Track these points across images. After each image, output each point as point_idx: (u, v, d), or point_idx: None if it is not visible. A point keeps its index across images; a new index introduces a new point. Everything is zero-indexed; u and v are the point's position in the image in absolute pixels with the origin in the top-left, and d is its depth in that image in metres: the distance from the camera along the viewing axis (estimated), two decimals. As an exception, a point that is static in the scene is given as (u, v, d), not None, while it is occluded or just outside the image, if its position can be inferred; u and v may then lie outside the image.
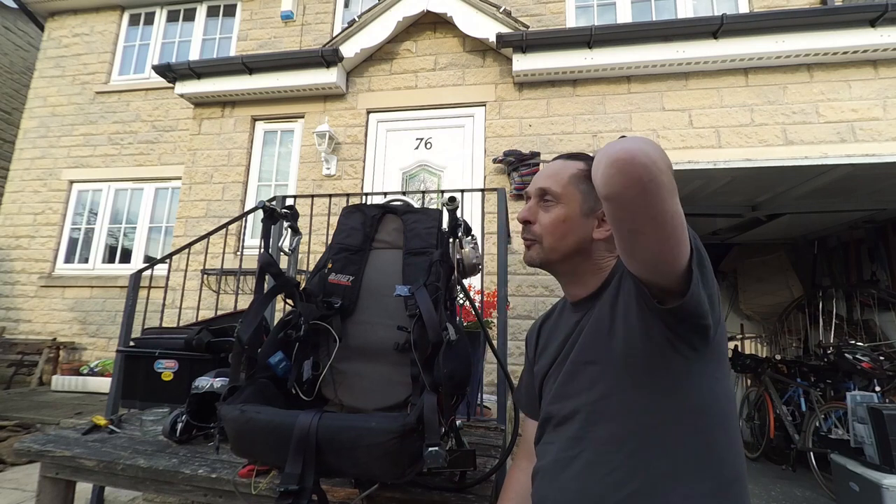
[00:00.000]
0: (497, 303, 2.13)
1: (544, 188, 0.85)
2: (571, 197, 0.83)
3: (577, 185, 0.84)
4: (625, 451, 0.69)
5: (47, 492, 1.42)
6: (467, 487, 1.16)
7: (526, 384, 1.01)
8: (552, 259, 0.86)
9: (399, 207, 1.45)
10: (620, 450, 0.69)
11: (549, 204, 0.85)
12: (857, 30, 3.25)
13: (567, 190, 0.84)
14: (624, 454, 0.69)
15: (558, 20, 4.58)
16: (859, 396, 2.76)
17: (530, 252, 0.88)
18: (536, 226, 0.86)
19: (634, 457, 0.68)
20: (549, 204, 0.85)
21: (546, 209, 0.85)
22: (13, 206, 5.81)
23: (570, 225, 0.83)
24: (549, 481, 0.78)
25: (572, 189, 0.84)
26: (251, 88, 4.19)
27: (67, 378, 4.61)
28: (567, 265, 0.86)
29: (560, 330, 0.90)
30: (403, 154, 4.04)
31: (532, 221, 0.86)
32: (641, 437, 0.69)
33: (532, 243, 0.87)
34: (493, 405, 2.23)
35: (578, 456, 0.74)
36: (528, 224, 0.87)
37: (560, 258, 0.85)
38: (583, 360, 0.79)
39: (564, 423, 0.78)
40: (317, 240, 3.58)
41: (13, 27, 7.23)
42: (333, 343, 1.24)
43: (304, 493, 0.88)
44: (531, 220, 0.87)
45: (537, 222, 0.86)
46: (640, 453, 0.68)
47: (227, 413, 0.97)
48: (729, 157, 3.41)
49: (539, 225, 0.85)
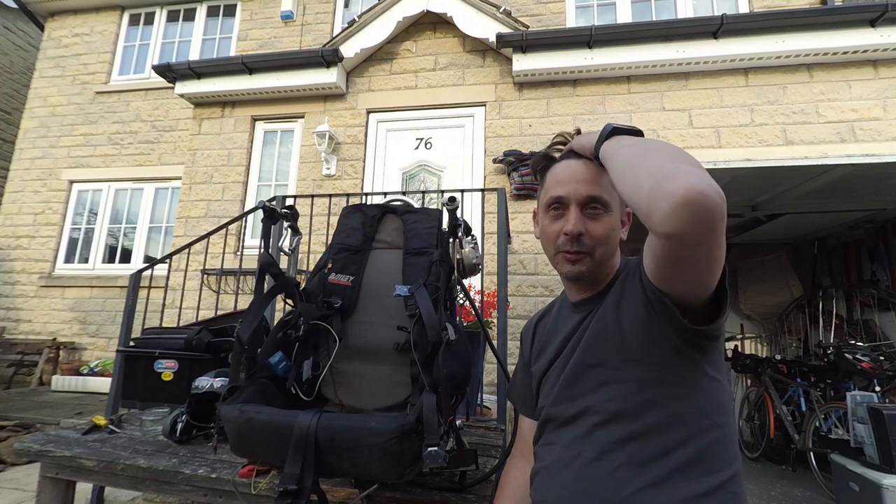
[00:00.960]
0: (497, 303, 2.13)
1: (593, 196, 0.79)
2: (616, 204, 0.81)
3: (614, 189, 0.78)
4: (628, 451, 0.69)
5: (47, 492, 1.42)
6: (467, 487, 1.16)
7: (521, 382, 1.00)
8: (599, 270, 0.82)
9: (399, 207, 1.45)
10: (623, 450, 0.70)
11: (597, 212, 0.80)
12: (857, 30, 3.25)
13: (613, 197, 0.80)
14: (627, 454, 0.69)
15: (558, 20, 4.58)
16: (859, 396, 2.76)
17: (577, 266, 0.81)
18: (587, 237, 0.79)
19: (637, 456, 0.68)
20: (597, 212, 0.80)
21: (595, 218, 0.80)
22: (13, 206, 5.81)
23: (615, 232, 0.82)
24: (550, 480, 0.78)
25: (615, 195, 0.80)
26: (251, 88, 4.19)
27: (67, 378, 4.60)
28: (600, 271, 0.83)
29: (559, 330, 0.89)
30: (403, 154, 4.04)
31: (583, 233, 0.79)
32: (645, 438, 0.69)
33: (582, 256, 0.80)
34: (493, 405, 2.23)
35: (580, 456, 0.74)
36: (580, 236, 0.79)
37: (603, 266, 0.82)
38: (587, 362, 0.78)
39: (568, 425, 0.78)
40: (317, 240, 3.58)
41: (13, 27, 7.23)
42: (333, 343, 1.24)
43: (303, 493, 0.88)
44: (582, 233, 0.79)
45: (587, 233, 0.79)
46: (643, 453, 0.68)
47: (226, 413, 0.97)
48: (729, 157, 3.41)
49: (590, 236, 0.79)
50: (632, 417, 0.70)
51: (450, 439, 1.16)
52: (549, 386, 0.85)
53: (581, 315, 0.84)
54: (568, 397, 0.79)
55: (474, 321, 2.12)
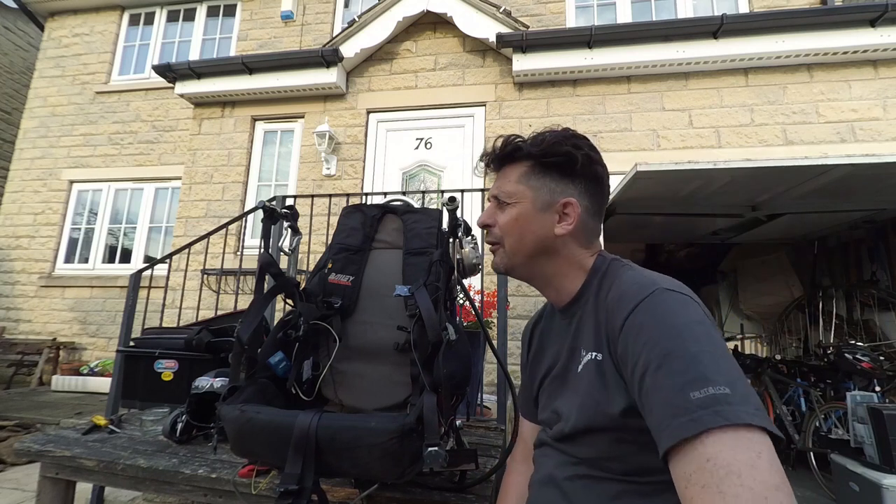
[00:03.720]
0: (497, 303, 2.13)
1: (495, 193, 0.85)
2: (522, 194, 0.82)
3: (527, 182, 0.82)
4: (615, 470, 0.67)
5: (47, 492, 1.42)
6: (467, 487, 1.16)
7: (523, 384, 1.00)
8: (516, 262, 0.84)
9: (399, 207, 1.45)
10: (611, 469, 0.68)
11: (503, 204, 0.84)
12: (857, 30, 3.25)
13: (516, 188, 0.82)
14: (614, 472, 0.67)
15: (558, 20, 4.58)
16: (859, 396, 2.75)
17: (495, 258, 0.87)
18: (496, 228, 0.85)
19: (622, 472, 0.67)
20: (503, 204, 0.84)
21: (501, 209, 0.84)
22: (13, 206, 5.81)
23: (527, 222, 0.81)
24: (539, 497, 0.77)
25: (521, 187, 0.82)
26: (251, 88, 4.19)
27: (67, 378, 4.60)
28: (534, 268, 0.83)
29: (552, 337, 0.89)
30: (403, 154, 4.04)
31: (491, 224, 0.85)
32: (631, 456, 0.66)
33: (496, 248, 0.86)
34: (493, 405, 2.23)
35: (571, 473, 0.72)
36: (489, 227, 0.86)
37: (524, 260, 0.83)
38: None
39: (562, 442, 0.77)
40: (317, 240, 3.58)
41: (13, 27, 7.23)
42: (333, 343, 1.24)
43: (303, 493, 0.87)
44: (491, 224, 0.85)
45: (496, 224, 0.85)
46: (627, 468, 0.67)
47: (226, 413, 0.97)
48: (729, 157, 3.41)
49: (498, 227, 0.84)
50: (619, 439, 0.69)
51: (450, 439, 1.16)
52: (546, 396, 0.85)
53: (567, 320, 0.83)
54: (561, 412, 0.78)
55: (474, 321, 2.12)
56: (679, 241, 5.71)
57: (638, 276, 0.71)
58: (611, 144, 3.64)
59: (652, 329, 0.60)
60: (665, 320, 0.60)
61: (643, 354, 0.59)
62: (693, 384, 0.52)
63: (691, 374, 0.53)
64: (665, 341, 0.57)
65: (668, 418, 0.53)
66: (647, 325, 0.61)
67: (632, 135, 3.64)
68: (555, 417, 0.79)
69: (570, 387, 0.77)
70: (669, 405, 0.53)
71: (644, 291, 0.64)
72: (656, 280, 0.67)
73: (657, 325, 0.60)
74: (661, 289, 0.64)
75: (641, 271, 0.73)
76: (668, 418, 0.53)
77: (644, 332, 0.61)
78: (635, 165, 2.66)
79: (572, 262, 0.81)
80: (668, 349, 0.56)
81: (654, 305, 0.62)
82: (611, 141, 3.65)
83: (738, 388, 0.52)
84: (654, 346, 0.58)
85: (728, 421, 0.49)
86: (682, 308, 0.61)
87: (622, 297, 0.67)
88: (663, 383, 0.55)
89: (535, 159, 0.81)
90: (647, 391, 0.57)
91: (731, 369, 0.54)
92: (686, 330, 0.58)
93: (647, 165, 2.66)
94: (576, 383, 0.75)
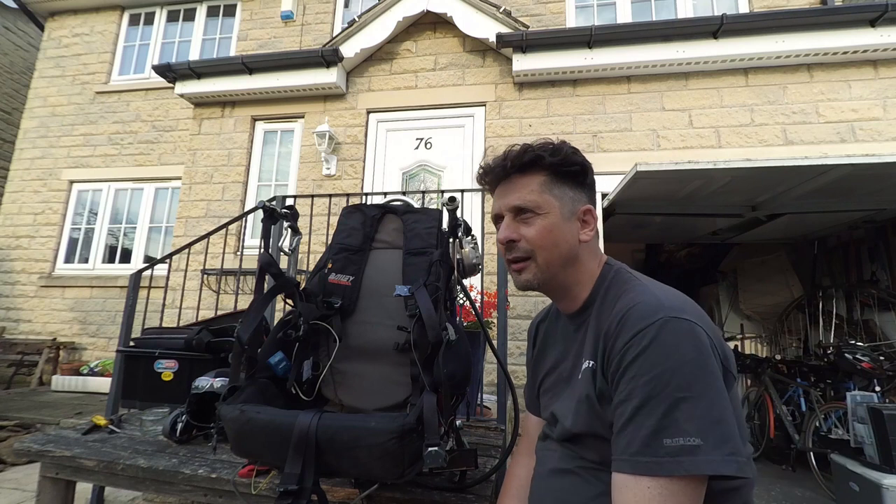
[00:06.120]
0: (497, 303, 2.13)
1: (518, 205, 0.80)
2: (550, 204, 0.79)
3: (550, 192, 0.79)
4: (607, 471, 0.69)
5: (47, 492, 1.42)
6: (467, 487, 1.16)
7: (529, 379, 1.01)
8: (549, 275, 0.80)
9: (399, 207, 1.45)
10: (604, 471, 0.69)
11: (527, 217, 0.79)
12: (857, 30, 3.25)
13: (542, 198, 0.79)
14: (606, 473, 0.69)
15: (558, 20, 4.58)
16: (859, 396, 2.76)
17: (524, 274, 0.80)
18: (522, 241, 0.79)
19: None
20: (527, 217, 0.79)
21: (527, 223, 0.79)
22: (13, 206, 5.81)
23: (560, 232, 0.79)
24: (538, 491, 0.79)
25: (547, 196, 0.79)
26: (251, 88, 4.19)
27: (67, 378, 4.61)
28: (562, 279, 0.81)
29: (557, 338, 0.89)
30: (403, 154, 4.04)
31: (516, 239, 0.80)
32: None
33: (525, 264, 0.80)
34: (493, 405, 2.23)
35: (568, 471, 0.74)
36: (513, 242, 0.80)
37: (557, 272, 0.80)
38: None
39: (565, 440, 0.78)
40: (317, 240, 3.58)
41: (13, 27, 7.23)
42: (333, 343, 1.24)
43: (303, 493, 0.87)
44: (515, 238, 0.80)
45: (522, 238, 0.79)
46: None
47: (226, 413, 0.97)
48: (729, 157, 3.40)
49: (525, 240, 0.79)
50: None
51: (450, 439, 1.16)
52: (548, 396, 0.87)
53: (574, 328, 0.83)
54: (563, 413, 0.80)
55: (474, 321, 2.12)
56: (679, 241, 5.71)
57: (647, 295, 0.70)
58: (611, 144, 3.64)
59: (645, 364, 0.62)
60: (660, 360, 0.61)
61: (630, 384, 0.62)
62: (666, 431, 0.58)
63: (668, 421, 0.58)
64: (654, 382, 0.60)
65: (637, 452, 0.59)
66: (641, 358, 0.62)
67: (632, 135, 3.64)
68: (554, 418, 0.80)
69: (569, 391, 0.78)
70: (641, 442, 0.59)
71: (649, 318, 0.65)
72: (663, 303, 0.66)
73: (652, 363, 0.61)
74: (667, 318, 0.64)
75: (649, 288, 0.72)
76: (637, 451, 0.60)
77: (637, 364, 0.63)
78: (635, 165, 2.66)
79: (586, 270, 0.82)
80: (655, 391, 0.60)
81: (655, 336, 0.63)
82: (611, 141, 3.65)
83: (710, 437, 0.57)
84: (643, 382, 0.61)
85: (687, 472, 0.56)
86: (683, 342, 0.62)
87: (627, 317, 0.67)
88: (643, 423, 0.60)
89: (554, 169, 0.80)
90: (625, 417, 0.62)
91: (705, 416, 0.58)
92: (678, 373, 0.60)
93: (647, 165, 2.66)
94: (574, 389, 0.76)
